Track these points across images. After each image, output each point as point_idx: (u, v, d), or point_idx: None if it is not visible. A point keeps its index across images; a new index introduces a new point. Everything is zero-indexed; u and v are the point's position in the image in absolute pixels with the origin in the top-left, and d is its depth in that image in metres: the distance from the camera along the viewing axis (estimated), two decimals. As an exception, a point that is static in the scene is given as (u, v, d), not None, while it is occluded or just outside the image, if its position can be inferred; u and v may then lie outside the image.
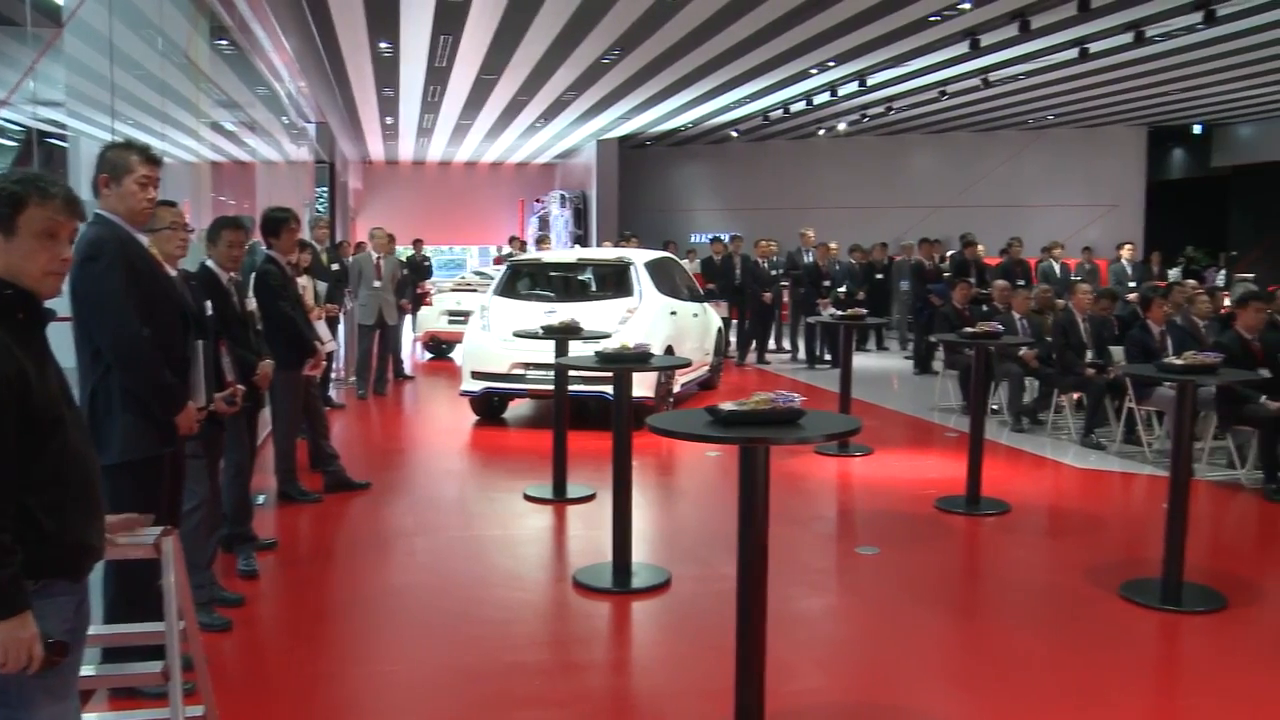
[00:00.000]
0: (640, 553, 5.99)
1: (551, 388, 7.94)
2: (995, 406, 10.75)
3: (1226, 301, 11.28)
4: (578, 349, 7.74)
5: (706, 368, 12.06)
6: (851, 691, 4.53)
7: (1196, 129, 22.81)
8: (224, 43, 9.10)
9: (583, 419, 9.47)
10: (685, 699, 4.38)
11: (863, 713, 4.30)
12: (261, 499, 7.12)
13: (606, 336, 7.75)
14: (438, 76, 15.86)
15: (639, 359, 6.02)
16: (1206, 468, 8.48)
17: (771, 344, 15.97)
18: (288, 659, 4.84)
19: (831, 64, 15.11)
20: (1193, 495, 5.80)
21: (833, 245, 16.01)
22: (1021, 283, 13.51)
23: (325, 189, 19.12)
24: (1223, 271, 20.22)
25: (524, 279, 10.98)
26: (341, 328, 12.46)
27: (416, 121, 20.94)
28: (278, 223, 6.72)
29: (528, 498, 7.55)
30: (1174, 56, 14.70)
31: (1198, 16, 11.79)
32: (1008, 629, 5.28)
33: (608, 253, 12.60)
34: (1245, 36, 13.39)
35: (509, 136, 23.44)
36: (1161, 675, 4.97)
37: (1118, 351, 9.50)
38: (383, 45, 13.73)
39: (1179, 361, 5.89)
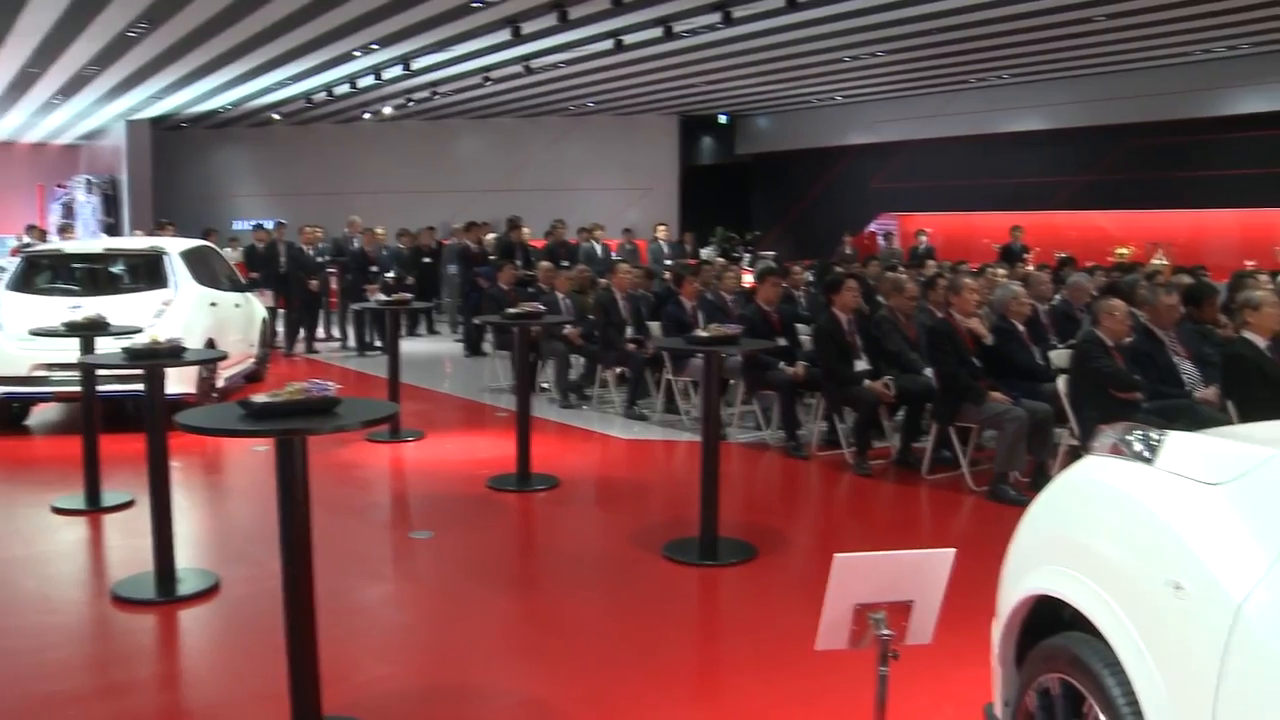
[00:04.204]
0: (186, 558, 5.70)
1: (80, 389, 7.36)
2: (545, 385, 11.11)
3: (748, 278, 12.24)
4: (107, 346, 7.20)
5: (252, 360, 11.64)
6: (416, 676, 4.54)
7: (722, 119, 24.60)
8: None
9: (121, 420, 8.87)
10: (241, 706, 4.22)
11: (428, 695, 4.32)
12: None
13: (137, 331, 7.26)
14: (-78, 39, 14.06)
15: (171, 354, 5.69)
16: (738, 431, 9.21)
17: (321, 332, 15.63)
18: None
19: (375, 47, 14.91)
20: (725, 457, 6.29)
21: (379, 230, 15.88)
22: (566, 263, 14.01)
23: None
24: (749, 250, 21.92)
25: (43, 272, 10.06)
26: None
27: (-102, 90, 18.51)
28: None
29: (57, 510, 6.94)
30: (699, 52, 15.71)
31: (717, 16, 12.71)
32: (563, 597, 5.50)
33: (140, 242, 11.81)
34: (759, 38, 14.56)
35: (20, 113, 21.21)
36: (703, 624, 5.36)
37: (656, 327, 10.06)
38: None
39: (705, 334, 6.35)
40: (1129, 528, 2.58)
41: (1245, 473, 2.31)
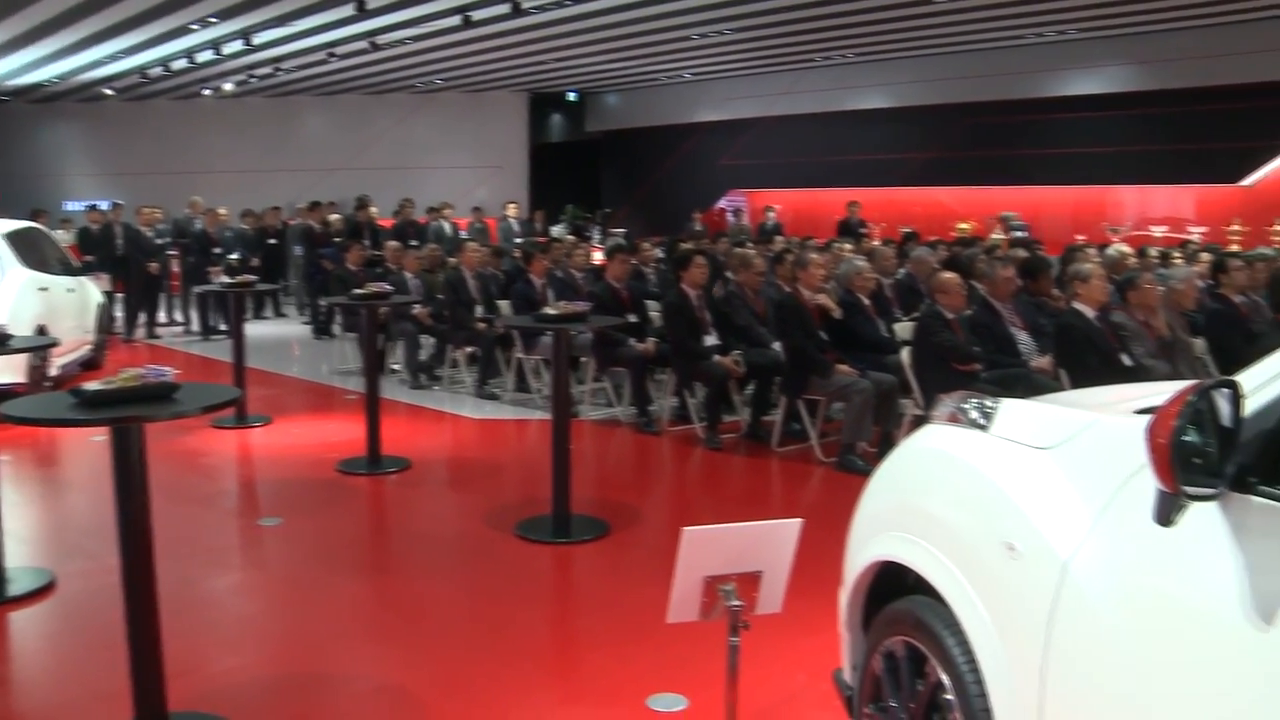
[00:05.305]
0: (17, 556, 5.43)
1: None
2: (395, 366, 10.97)
3: (598, 255, 12.27)
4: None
5: (89, 346, 11.19)
6: (267, 665, 4.43)
7: (571, 96, 24.60)
8: None
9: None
10: (80, 706, 4.04)
11: (280, 685, 4.22)
12: None
13: (-41, 319, 6.92)
14: None
15: (-5, 342, 5.44)
16: (589, 408, 9.22)
17: (162, 316, 15.12)
18: None
19: (214, 20, 14.44)
20: (577, 434, 6.30)
21: (222, 211, 15.44)
22: (415, 243, 13.84)
23: None
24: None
25: None
26: None
27: None
28: None
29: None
30: (548, 29, 15.65)
31: (567, -9, 12.69)
32: (416, 580, 5.45)
33: (-40, 224, 11.25)
34: (608, 14, 14.57)
35: None
36: (557, 601, 5.37)
37: (506, 305, 9.99)
38: None
39: (553, 311, 6.33)
40: (965, 492, 2.67)
41: (1071, 437, 2.40)
